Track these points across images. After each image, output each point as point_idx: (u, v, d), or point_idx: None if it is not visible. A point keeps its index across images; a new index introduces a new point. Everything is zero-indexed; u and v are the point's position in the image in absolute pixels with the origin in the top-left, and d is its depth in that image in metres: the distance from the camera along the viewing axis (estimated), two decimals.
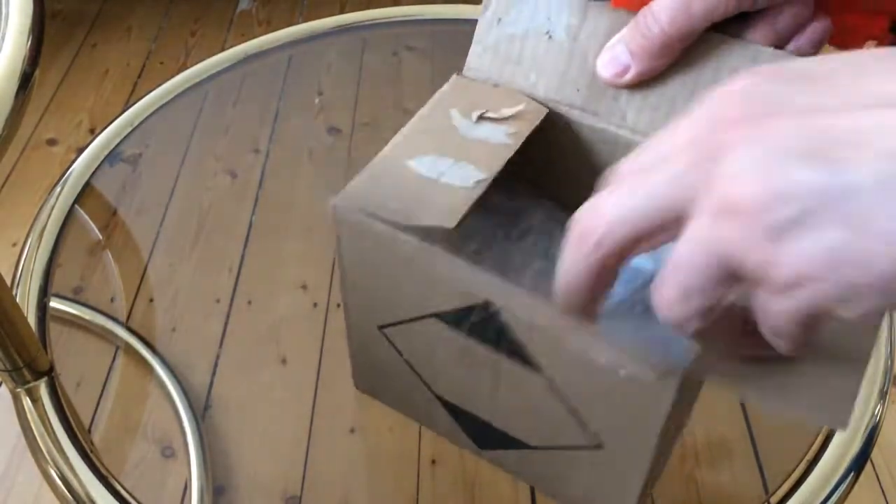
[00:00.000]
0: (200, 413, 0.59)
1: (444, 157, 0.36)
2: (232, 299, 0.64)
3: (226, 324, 0.63)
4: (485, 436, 0.43)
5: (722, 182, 0.21)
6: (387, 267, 0.37)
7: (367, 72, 0.83)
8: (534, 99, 0.39)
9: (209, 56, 0.78)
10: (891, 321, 0.57)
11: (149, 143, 0.73)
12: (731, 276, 0.22)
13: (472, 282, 0.33)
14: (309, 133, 0.78)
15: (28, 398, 0.53)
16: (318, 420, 0.57)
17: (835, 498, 0.49)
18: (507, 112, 0.38)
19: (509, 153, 0.36)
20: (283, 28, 0.82)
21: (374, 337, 0.42)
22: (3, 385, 0.55)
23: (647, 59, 0.35)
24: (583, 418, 0.36)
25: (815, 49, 0.34)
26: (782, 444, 0.57)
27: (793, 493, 0.49)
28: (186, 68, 0.77)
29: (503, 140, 0.37)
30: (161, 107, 0.74)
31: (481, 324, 0.35)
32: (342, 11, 1.48)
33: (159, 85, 0.75)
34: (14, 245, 1.16)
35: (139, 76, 1.46)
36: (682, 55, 0.35)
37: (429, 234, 0.33)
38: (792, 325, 0.23)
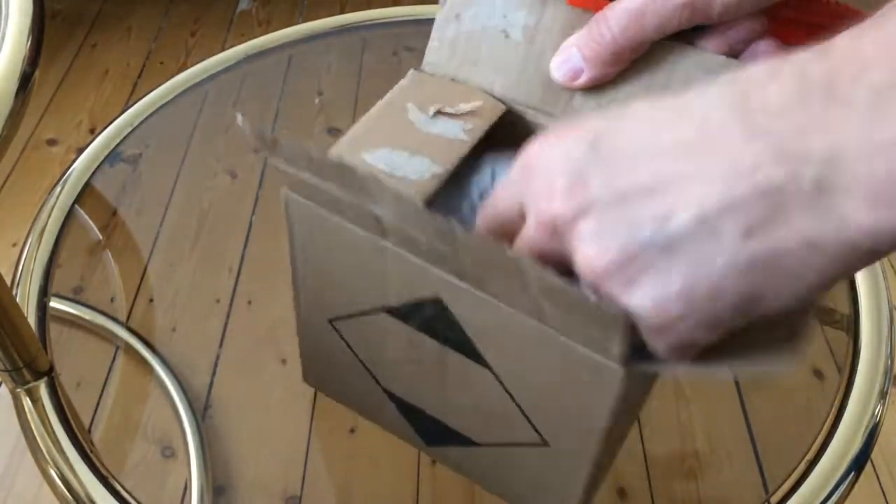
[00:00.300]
0: (200, 413, 0.59)
1: (399, 151, 0.35)
2: (232, 299, 0.64)
3: (226, 324, 0.63)
4: (432, 432, 0.43)
5: (577, 255, 0.25)
6: (338, 259, 0.37)
7: (367, 72, 0.83)
8: (491, 95, 0.39)
9: (209, 56, 0.78)
10: (891, 321, 0.57)
11: (149, 143, 0.73)
12: None
13: (422, 278, 0.33)
14: (309, 133, 0.78)
15: (28, 398, 0.53)
16: (318, 420, 0.57)
17: (835, 498, 0.49)
18: (464, 108, 0.38)
19: (466, 148, 0.36)
20: (283, 28, 0.82)
21: (325, 331, 0.42)
22: (3, 385, 0.55)
23: (599, 66, 0.35)
24: (529, 415, 0.36)
25: None
26: (782, 444, 0.57)
27: (793, 493, 0.49)
28: (186, 68, 0.77)
29: (460, 135, 0.37)
30: (161, 107, 0.74)
31: (431, 319, 0.35)
32: (342, 11, 1.48)
33: (159, 85, 0.75)
34: (14, 245, 1.16)
35: (139, 76, 1.46)
36: (637, 59, 0.35)
37: (382, 228, 0.33)
38: (670, 355, 0.26)
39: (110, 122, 0.73)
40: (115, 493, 0.50)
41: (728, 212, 0.22)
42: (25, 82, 0.45)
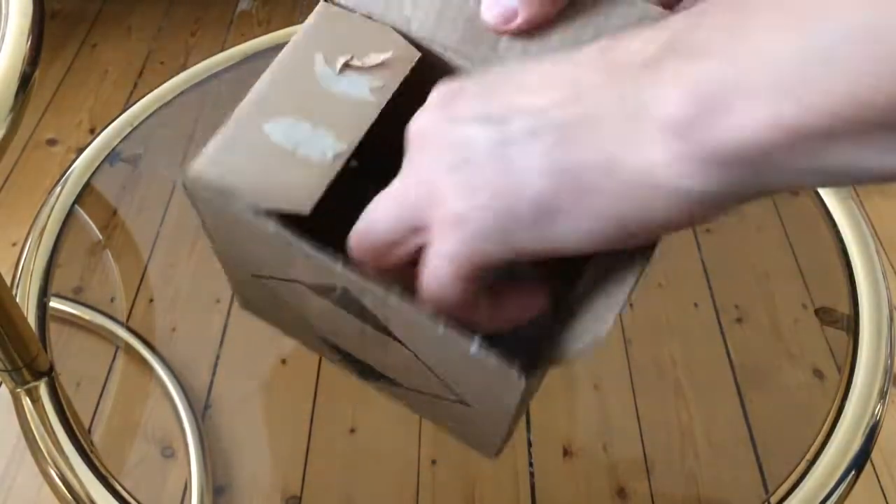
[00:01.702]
0: (200, 413, 0.59)
1: (302, 122, 0.34)
2: (232, 299, 0.64)
3: (226, 324, 0.63)
4: (363, 370, 0.45)
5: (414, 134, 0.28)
6: (248, 242, 0.37)
7: None
8: (407, 36, 0.36)
9: (209, 56, 0.78)
10: (891, 321, 0.57)
11: (149, 143, 0.73)
12: (414, 228, 0.28)
13: (329, 272, 0.33)
14: None
15: (28, 398, 0.53)
16: (318, 420, 0.57)
17: (835, 498, 0.49)
18: (373, 60, 0.36)
19: (373, 114, 0.34)
20: (283, 28, 0.82)
21: (251, 280, 0.42)
22: (3, 385, 0.55)
23: (537, 5, 0.32)
24: (448, 384, 0.37)
25: None
26: (782, 444, 0.57)
27: (793, 493, 0.49)
28: (186, 68, 0.77)
29: (366, 96, 0.35)
30: (161, 107, 0.74)
31: (343, 300, 0.35)
32: None
33: (159, 85, 0.75)
34: (14, 245, 1.16)
35: (139, 76, 1.46)
36: (570, 6, 0.33)
37: (286, 217, 0.33)
38: (449, 273, 0.27)
39: (110, 122, 0.73)
40: (115, 493, 0.50)
41: (552, 125, 0.24)
42: (25, 82, 0.45)
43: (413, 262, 0.29)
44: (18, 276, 0.61)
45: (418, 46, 0.36)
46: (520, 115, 0.25)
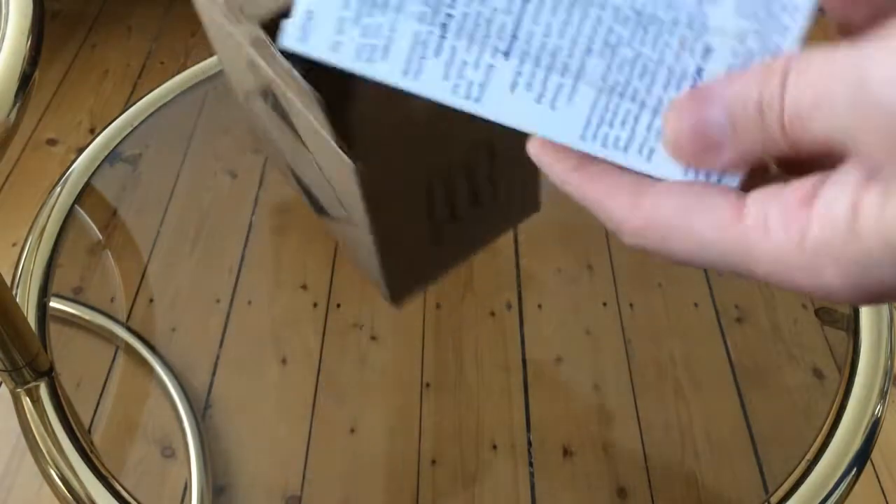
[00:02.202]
0: (200, 413, 0.59)
1: None
2: (232, 299, 0.64)
3: (226, 324, 0.63)
4: (314, 203, 0.50)
5: None
6: (224, 45, 0.44)
7: None
8: None
9: (209, 56, 0.77)
10: (891, 321, 0.57)
11: (149, 143, 0.73)
12: None
13: (259, 71, 0.39)
14: None
15: (28, 398, 0.53)
16: (318, 420, 0.57)
17: (835, 498, 0.49)
18: None
19: None
20: None
21: (246, 103, 0.49)
22: (3, 385, 0.55)
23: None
24: (338, 195, 0.42)
25: None
26: (782, 444, 0.57)
27: (793, 493, 0.49)
28: (186, 68, 0.77)
29: None
30: (161, 107, 0.74)
31: (276, 105, 0.41)
32: None
33: (159, 85, 0.75)
34: (14, 245, 1.16)
35: (139, 76, 1.46)
36: None
37: (251, 32, 0.39)
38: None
39: (110, 122, 0.73)
40: (115, 493, 0.50)
41: None
42: (25, 82, 0.45)
43: None
44: (18, 276, 0.61)
45: None
46: None
